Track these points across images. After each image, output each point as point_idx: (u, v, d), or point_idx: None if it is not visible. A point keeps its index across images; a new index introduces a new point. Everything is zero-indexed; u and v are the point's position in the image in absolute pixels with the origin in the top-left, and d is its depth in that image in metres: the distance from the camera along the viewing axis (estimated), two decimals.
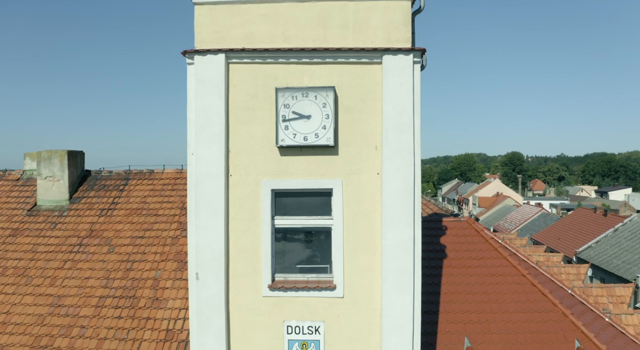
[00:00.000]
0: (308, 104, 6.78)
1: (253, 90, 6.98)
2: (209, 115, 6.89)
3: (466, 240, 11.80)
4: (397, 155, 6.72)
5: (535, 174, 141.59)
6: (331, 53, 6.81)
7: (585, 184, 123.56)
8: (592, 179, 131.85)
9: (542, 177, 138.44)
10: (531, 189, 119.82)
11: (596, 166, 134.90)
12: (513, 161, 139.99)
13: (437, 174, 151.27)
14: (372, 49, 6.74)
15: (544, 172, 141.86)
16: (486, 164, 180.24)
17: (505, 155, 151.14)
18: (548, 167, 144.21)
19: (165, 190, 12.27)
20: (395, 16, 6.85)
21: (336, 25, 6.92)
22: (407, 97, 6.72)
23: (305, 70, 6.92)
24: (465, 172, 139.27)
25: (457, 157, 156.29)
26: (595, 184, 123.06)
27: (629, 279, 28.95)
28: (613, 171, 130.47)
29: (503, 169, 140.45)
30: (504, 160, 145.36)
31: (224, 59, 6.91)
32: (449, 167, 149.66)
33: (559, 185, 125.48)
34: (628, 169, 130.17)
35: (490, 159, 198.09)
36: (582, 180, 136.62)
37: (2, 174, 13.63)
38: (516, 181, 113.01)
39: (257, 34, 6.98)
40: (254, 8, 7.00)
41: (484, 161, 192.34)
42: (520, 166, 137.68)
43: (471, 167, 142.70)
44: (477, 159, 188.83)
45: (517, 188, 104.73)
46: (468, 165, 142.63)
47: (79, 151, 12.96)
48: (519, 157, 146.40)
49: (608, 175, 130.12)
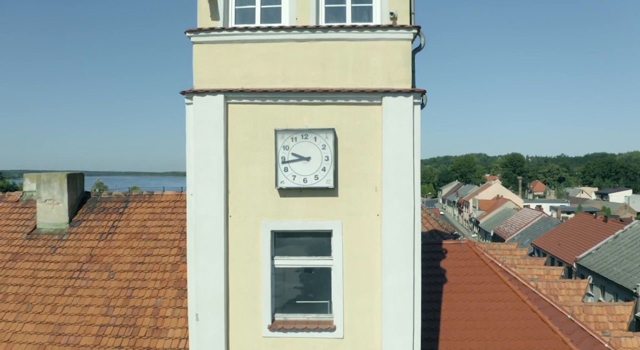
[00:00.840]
0: (308, 146, 6.77)
1: (252, 130, 6.97)
2: (208, 156, 6.88)
3: (466, 264, 11.79)
4: (397, 198, 6.71)
5: (535, 175, 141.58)
6: (331, 95, 6.79)
7: (585, 186, 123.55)
8: (593, 180, 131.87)
9: (543, 178, 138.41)
10: (531, 191, 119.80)
11: (596, 167, 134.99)
12: (513, 162, 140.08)
13: (437, 175, 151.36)
14: (372, 91, 6.72)
15: (544, 173, 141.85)
16: (486, 164, 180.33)
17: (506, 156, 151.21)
18: (548, 168, 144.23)
19: (165, 214, 12.26)
20: (396, 56, 6.84)
21: (336, 65, 6.90)
22: (407, 139, 6.71)
23: (304, 110, 6.91)
24: (465, 174, 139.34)
25: (457, 159, 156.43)
26: (595, 185, 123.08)
27: (629, 288, 28.96)
28: (613, 172, 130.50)
29: (503, 170, 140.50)
30: (504, 162, 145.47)
31: (223, 99, 6.90)
32: (449, 169, 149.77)
33: (559, 186, 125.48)
34: (628, 170, 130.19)
35: (491, 159, 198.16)
36: (582, 181, 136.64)
37: (2, 195, 13.63)
38: (516, 182, 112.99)
39: (256, 73, 6.97)
40: (252, 47, 6.99)
41: (484, 161, 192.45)
42: (521, 167, 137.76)
43: (471, 169, 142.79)
44: (478, 159, 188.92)
45: (517, 189, 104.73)
46: (468, 167, 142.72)
47: (78, 173, 12.95)
48: (519, 158, 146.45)
49: (608, 177, 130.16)
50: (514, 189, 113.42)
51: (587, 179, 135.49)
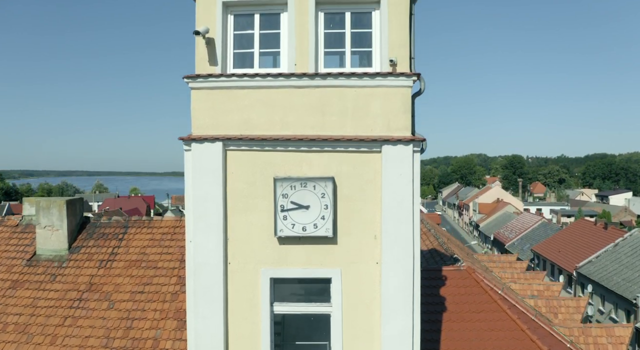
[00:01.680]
0: (307, 194, 6.75)
1: (251, 178, 6.96)
2: (206, 204, 6.87)
3: (466, 292, 11.79)
4: (396, 246, 6.70)
5: (535, 176, 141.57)
6: (330, 143, 6.78)
7: (585, 187, 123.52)
8: (593, 182, 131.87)
9: (543, 180, 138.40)
10: (531, 193, 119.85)
11: (597, 168, 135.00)
12: (514, 164, 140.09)
13: (437, 177, 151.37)
14: (372, 140, 6.71)
15: (544, 174, 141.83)
16: (486, 164, 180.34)
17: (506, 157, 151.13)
18: (548, 170, 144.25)
19: (164, 240, 12.25)
20: (395, 103, 6.82)
21: (335, 112, 6.89)
22: (406, 187, 6.69)
23: (304, 158, 6.90)
24: (465, 176, 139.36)
25: (457, 160, 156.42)
26: (595, 186, 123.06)
27: (628, 298, 28.96)
28: (614, 174, 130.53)
29: (504, 171, 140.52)
30: (505, 163, 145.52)
31: (222, 146, 6.89)
32: (449, 170, 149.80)
33: (559, 187, 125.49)
34: (629, 172, 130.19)
35: (491, 159, 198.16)
36: (582, 182, 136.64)
37: (2, 219, 13.62)
38: (517, 184, 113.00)
39: (255, 120, 6.96)
40: (251, 93, 6.97)
41: (484, 162, 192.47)
42: (521, 169, 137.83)
43: (471, 170, 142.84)
44: (478, 160, 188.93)
45: (517, 191, 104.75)
46: (468, 169, 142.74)
47: (77, 199, 12.94)
48: (520, 160, 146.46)
49: (608, 178, 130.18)
50: (514, 190, 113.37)
51: (587, 180, 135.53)
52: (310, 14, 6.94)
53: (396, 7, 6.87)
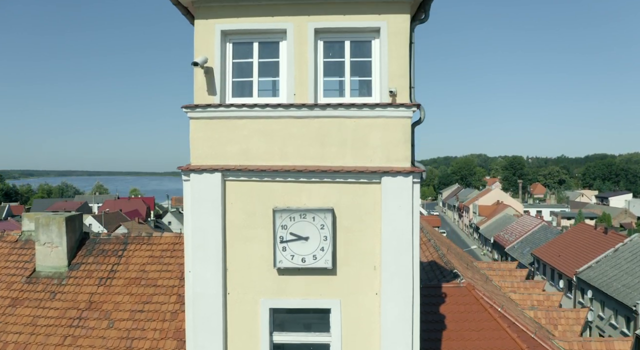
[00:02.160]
0: (306, 226, 6.74)
1: (250, 208, 6.94)
2: (205, 235, 6.86)
3: (465, 310, 11.78)
4: (396, 278, 6.69)
5: (535, 177, 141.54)
6: (329, 174, 6.77)
7: (585, 188, 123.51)
8: (593, 182, 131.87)
9: (543, 181, 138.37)
10: (531, 194, 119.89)
11: (597, 169, 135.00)
12: (514, 165, 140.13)
13: (437, 177, 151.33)
14: (371, 171, 6.69)
15: (544, 175, 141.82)
16: (486, 165, 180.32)
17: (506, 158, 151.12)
18: (548, 170, 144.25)
19: (164, 257, 12.24)
20: (395, 134, 6.80)
21: (334, 142, 6.87)
22: (406, 219, 6.68)
23: (303, 189, 6.88)
24: (465, 177, 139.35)
25: (457, 161, 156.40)
26: (595, 187, 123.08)
27: (628, 305, 28.96)
28: (614, 174, 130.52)
29: (504, 172, 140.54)
30: (505, 164, 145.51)
31: (221, 177, 6.87)
32: (449, 171, 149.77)
33: (559, 188, 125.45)
34: (629, 173, 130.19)
35: (491, 160, 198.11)
36: (582, 183, 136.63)
37: (1, 234, 13.61)
38: (517, 185, 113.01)
39: (254, 150, 6.94)
40: (250, 123, 6.95)
41: (484, 162, 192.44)
42: (521, 170, 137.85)
43: (471, 171, 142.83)
44: (478, 160, 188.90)
45: (517, 192, 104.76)
46: (468, 170, 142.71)
47: (77, 215, 12.92)
48: (520, 161, 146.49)
49: (609, 179, 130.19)
50: (514, 191, 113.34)
51: (587, 181, 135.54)
52: (310, 42, 6.92)
53: (396, 36, 6.85)
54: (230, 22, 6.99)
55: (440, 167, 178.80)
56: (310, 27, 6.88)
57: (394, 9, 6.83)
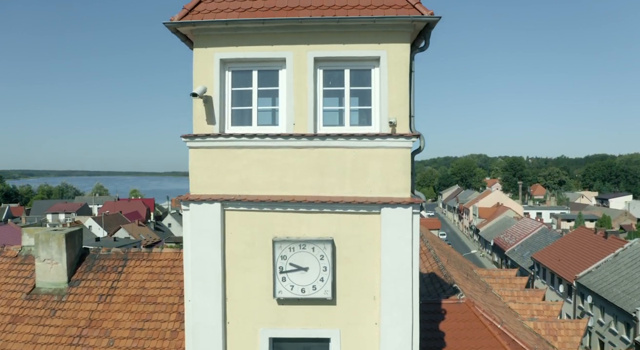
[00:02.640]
0: (306, 256, 6.73)
1: (250, 238, 6.94)
2: (205, 265, 6.85)
3: (465, 327, 11.78)
4: (395, 308, 6.68)
5: (535, 178, 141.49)
6: (329, 205, 6.76)
7: (585, 189, 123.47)
8: (593, 183, 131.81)
9: (543, 182, 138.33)
10: (531, 196, 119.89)
11: (597, 170, 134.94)
12: (514, 166, 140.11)
13: (437, 178, 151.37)
14: (371, 203, 6.68)
15: (544, 176, 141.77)
16: (486, 165, 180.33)
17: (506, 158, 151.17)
18: (548, 171, 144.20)
19: (163, 274, 12.22)
20: (395, 164, 6.79)
21: (334, 172, 6.86)
22: (405, 249, 6.67)
23: (303, 219, 6.87)
24: (465, 178, 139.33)
25: (457, 162, 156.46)
26: (595, 188, 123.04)
27: (628, 311, 28.95)
28: (614, 176, 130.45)
29: (504, 173, 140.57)
30: (505, 165, 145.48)
31: (220, 207, 6.86)
32: (450, 172, 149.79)
33: (559, 189, 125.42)
34: (629, 174, 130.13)
35: (491, 160, 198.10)
36: (582, 184, 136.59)
37: (1, 249, 13.60)
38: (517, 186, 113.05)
39: (253, 180, 6.93)
40: (249, 153, 6.94)
41: (484, 162, 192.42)
42: (521, 171, 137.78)
43: (471, 172, 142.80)
44: (478, 160, 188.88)
45: (517, 194, 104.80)
46: (468, 171, 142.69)
47: (77, 231, 12.91)
48: (520, 162, 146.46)
49: (609, 180, 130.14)
50: (514, 192, 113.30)
51: (587, 182, 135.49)
52: (309, 71, 6.91)
53: (396, 65, 6.83)
54: (229, 51, 6.98)
55: (440, 168, 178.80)
56: (310, 56, 6.87)
57: (394, 38, 6.82)
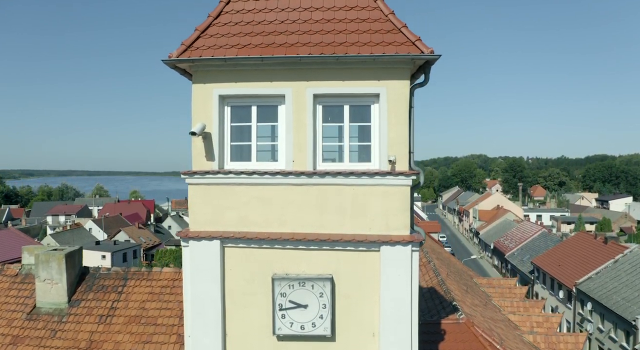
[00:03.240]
0: (305, 294, 6.74)
1: (249, 275, 6.94)
2: (204, 301, 6.86)
3: (464, 347, 11.78)
4: (394, 346, 6.69)
5: (536, 179, 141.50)
6: (329, 243, 6.76)
7: (585, 191, 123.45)
8: (593, 184, 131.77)
9: (543, 182, 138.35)
10: (532, 197, 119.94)
11: (597, 171, 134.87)
12: (514, 167, 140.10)
13: (437, 179, 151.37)
14: (370, 241, 6.69)
15: (544, 177, 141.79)
16: (486, 166, 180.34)
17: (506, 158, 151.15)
18: (549, 172, 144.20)
19: (163, 294, 12.23)
20: (394, 202, 6.79)
21: (333, 210, 6.86)
22: (405, 287, 6.68)
23: (302, 256, 6.88)
24: (465, 179, 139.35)
25: (457, 164, 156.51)
26: (595, 190, 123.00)
27: (627, 319, 28.98)
28: (614, 177, 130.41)
29: (504, 174, 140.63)
30: (505, 167, 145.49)
31: (219, 244, 6.87)
32: (450, 173, 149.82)
33: (559, 190, 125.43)
34: (629, 175, 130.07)
35: (491, 160, 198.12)
36: (582, 185, 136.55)
37: (1, 267, 13.61)
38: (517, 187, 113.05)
39: (253, 217, 6.93)
40: (248, 190, 6.94)
41: (484, 162, 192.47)
42: (521, 172, 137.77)
43: (472, 174, 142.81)
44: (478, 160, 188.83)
45: (517, 195, 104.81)
46: (468, 172, 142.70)
47: (76, 250, 12.91)
48: (520, 163, 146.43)
49: (609, 181, 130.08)
50: (515, 194, 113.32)
51: (587, 183, 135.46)
52: (309, 108, 6.91)
53: (396, 102, 6.83)
54: (228, 87, 6.98)
55: (440, 169, 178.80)
56: (309, 92, 6.88)
57: (393, 75, 6.82)
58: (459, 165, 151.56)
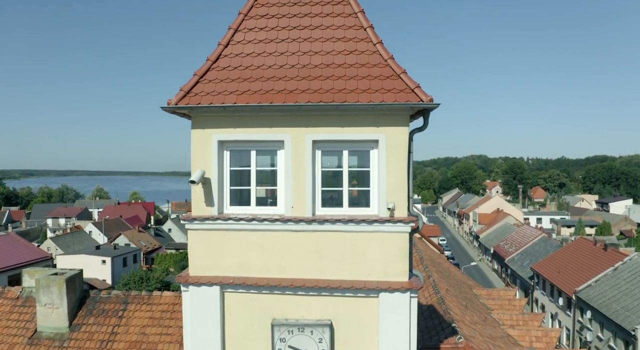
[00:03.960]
0: (304, 339, 6.78)
1: (249, 320, 6.98)
2: (205, 346, 6.90)
3: None
4: None
5: (536, 181, 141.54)
6: (328, 290, 6.80)
7: (585, 192, 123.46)
8: (593, 186, 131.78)
9: (543, 184, 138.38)
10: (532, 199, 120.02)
11: (597, 173, 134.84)
12: (514, 169, 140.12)
13: (437, 181, 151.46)
14: (369, 289, 6.72)
15: (544, 178, 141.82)
16: (487, 166, 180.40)
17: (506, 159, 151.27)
18: (549, 174, 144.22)
19: (164, 319, 12.28)
20: (393, 249, 6.82)
21: (332, 256, 6.89)
22: (403, 334, 6.71)
23: (301, 302, 6.91)
24: (466, 181, 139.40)
25: (457, 165, 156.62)
26: (595, 191, 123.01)
27: (627, 328, 29.04)
28: (614, 178, 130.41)
29: (504, 176, 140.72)
30: (505, 168, 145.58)
31: (219, 290, 6.91)
32: (450, 175, 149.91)
33: (559, 192, 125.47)
34: (629, 176, 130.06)
35: (491, 160, 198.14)
36: (582, 187, 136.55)
37: (2, 290, 13.66)
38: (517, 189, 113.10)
39: (252, 262, 6.97)
40: (248, 236, 6.98)
41: (484, 163, 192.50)
42: (521, 174, 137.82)
43: (472, 175, 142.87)
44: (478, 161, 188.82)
45: (518, 197, 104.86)
46: (469, 173, 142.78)
47: (77, 274, 12.95)
48: (520, 165, 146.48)
49: (609, 183, 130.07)
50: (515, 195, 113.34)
51: (587, 184, 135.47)
52: (308, 154, 6.93)
53: (395, 149, 6.85)
54: (227, 133, 7.01)
55: (440, 169, 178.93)
56: (308, 138, 6.90)
57: (392, 122, 6.85)
58: (459, 166, 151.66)
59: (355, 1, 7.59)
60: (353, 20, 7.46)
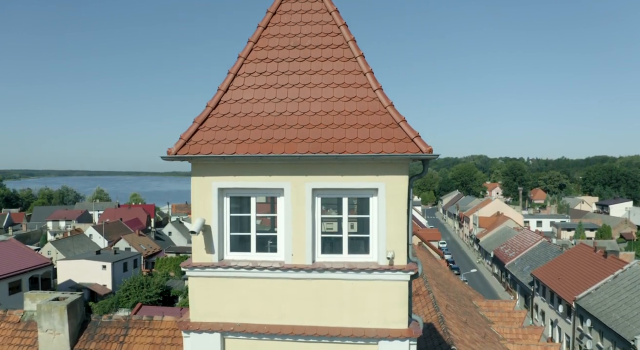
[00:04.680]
0: None
1: None
2: None
3: None
4: None
5: (536, 182, 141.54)
6: (327, 338, 6.84)
7: (586, 194, 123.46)
8: (593, 187, 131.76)
9: (543, 185, 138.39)
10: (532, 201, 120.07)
11: (597, 174, 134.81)
12: (514, 171, 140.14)
13: (437, 182, 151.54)
14: (368, 337, 6.76)
15: (544, 179, 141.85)
16: (487, 166, 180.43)
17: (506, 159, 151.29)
18: (549, 175, 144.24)
19: (164, 345, 12.33)
20: (392, 297, 6.86)
21: (332, 303, 6.93)
22: None
23: (301, 348, 6.95)
24: (466, 182, 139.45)
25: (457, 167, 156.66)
26: (596, 193, 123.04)
27: (626, 338, 29.09)
28: (614, 180, 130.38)
29: (504, 178, 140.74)
30: (505, 170, 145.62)
31: (220, 337, 6.95)
32: (450, 176, 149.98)
33: (559, 193, 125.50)
34: (629, 178, 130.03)
35: (491, 161, 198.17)
36: (582, 188, 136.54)
37: (3, 313, 13.71)
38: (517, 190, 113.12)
39: (253, 309, 7.01)
40: (248, 283, 7.01)
41: (484, 163, 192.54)
42: (521, 176, 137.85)
43: (472, 177, 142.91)
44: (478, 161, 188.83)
45: (518, 199, 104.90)
46: (469, 175, 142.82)
47: (77, 299, 13.00)
48: (520, 166, 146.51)
49: (609, 184, 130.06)
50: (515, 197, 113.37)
51: (587, 186, 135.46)
52: (307, 202, 6.96)
53: (394, 197, 6.88)
54: (227, 180, 7.04)
55: (440, 170, 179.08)
56: (308, 187, 6.94)
57: (392, 170, 6.88)
58: (459, 168, 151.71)
59: (355, 45, 7.61)
60: (353, 65, 7.49)
